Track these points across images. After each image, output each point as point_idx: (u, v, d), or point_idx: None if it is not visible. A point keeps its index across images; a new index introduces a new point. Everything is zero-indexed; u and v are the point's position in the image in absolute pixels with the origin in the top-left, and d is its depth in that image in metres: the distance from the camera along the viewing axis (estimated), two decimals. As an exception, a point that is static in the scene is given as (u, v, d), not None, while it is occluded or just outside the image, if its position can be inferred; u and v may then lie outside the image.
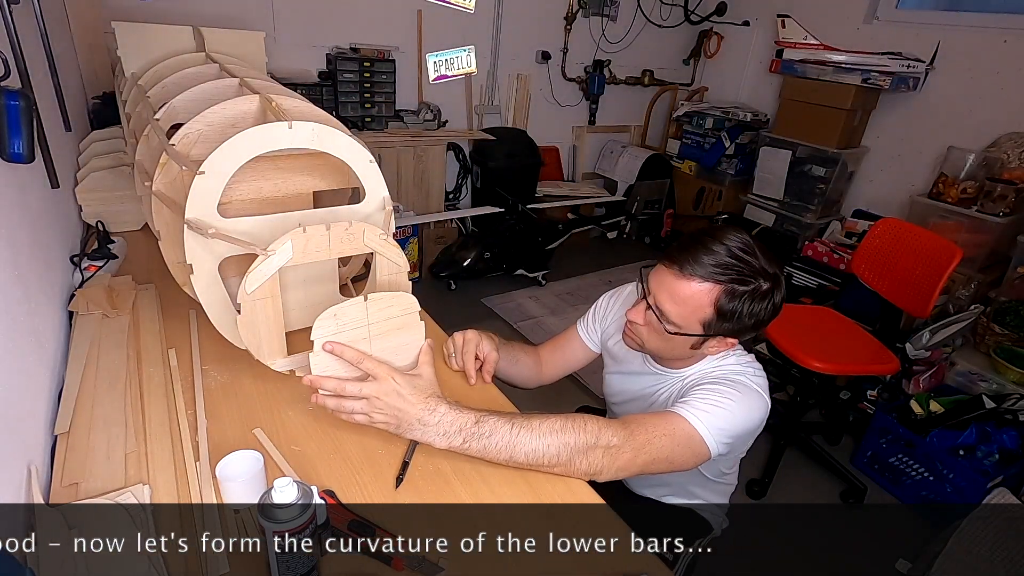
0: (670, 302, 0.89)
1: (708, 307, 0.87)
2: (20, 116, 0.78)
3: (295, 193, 1.05)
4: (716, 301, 0.86)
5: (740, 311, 0.86)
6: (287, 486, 0.58)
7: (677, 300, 0.88)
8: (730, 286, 0.85)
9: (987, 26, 2.79)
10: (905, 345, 2.17)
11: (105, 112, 1.86)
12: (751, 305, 0.86)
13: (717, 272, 0.85)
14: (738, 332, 0.90)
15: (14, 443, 0.69)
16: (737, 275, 0.85)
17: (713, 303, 0.86)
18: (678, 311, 0.89)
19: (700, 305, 0.87)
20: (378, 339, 0.87)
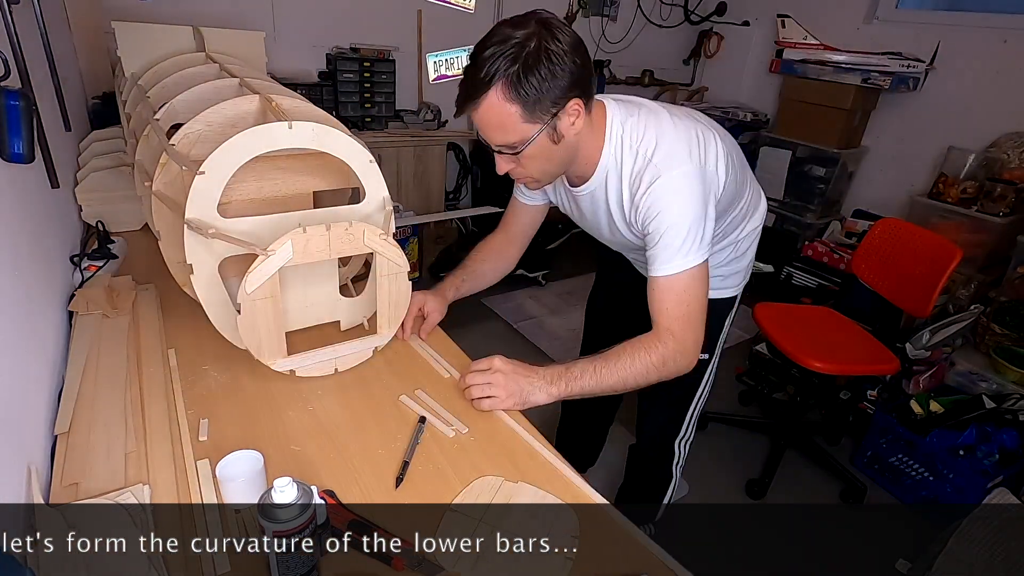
0: (491, 132, 0.87)
1: (508, 106, 0.83)
2: (20, 116, 0.78)
3: (295, 193, 1.05)
4: (507, 98, 0.82)
5: (534, 83, 0.81)
6: (287, 486, 0.58)
7: (491, 127, 0.86)
8: (502, 77, 0.81)
9: (987, 26, 2.79)
10: (905, 345, 2.17)
11: (105, 112, 1.86)
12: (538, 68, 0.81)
13: (484, 78, 0.81)
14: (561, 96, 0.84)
15: (14, 443, 0.69)
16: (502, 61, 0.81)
17: (507, 100, 0.82)
18: (501, 133, 0.87)
19: (502, 113, 0.84)
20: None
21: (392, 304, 1.00)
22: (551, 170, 0.96)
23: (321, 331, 1.07)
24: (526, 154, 0.89)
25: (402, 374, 1.00)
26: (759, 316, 2.00)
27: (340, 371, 0.98)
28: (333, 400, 0.92)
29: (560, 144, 0.90)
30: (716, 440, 2.23)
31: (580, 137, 0.92)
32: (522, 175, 0.96)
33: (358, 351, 1.00)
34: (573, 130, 0.89)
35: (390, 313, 1.00)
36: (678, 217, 0.92)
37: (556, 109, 0.85)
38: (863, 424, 2.18)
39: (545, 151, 0.90)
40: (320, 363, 0.96)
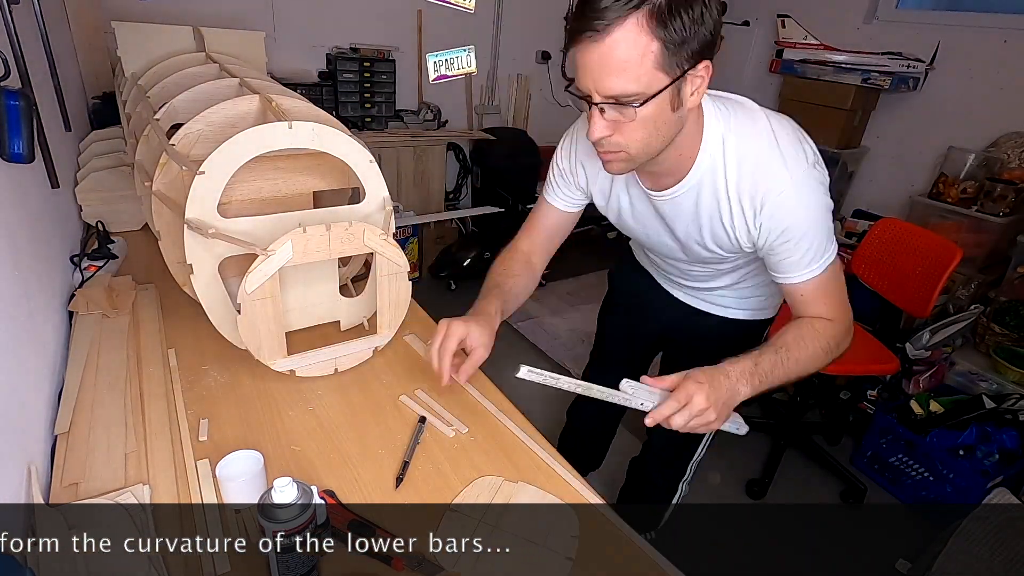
0: (608, 75, 0.70)
1: (649, 41, 0.67)
2: (20, 116, 0.78)
3: (295, 193, 1.05)
4: (651, 31, 0.67)
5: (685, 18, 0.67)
6: (287, 486, 0.58)
7: (612, 67, 0.70)
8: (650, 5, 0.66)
9: (987, 26, 2.79)
10: (905, 345, 2.16)
11: (105, 112, 1.86)
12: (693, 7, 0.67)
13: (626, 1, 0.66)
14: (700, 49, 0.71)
15: (14, 443, 0.69)
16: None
17: (650, 33, 0.67)
18: (623, 78, 0.70)
19: (638, 49, 0.68)
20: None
21: (392, 304, 1.00)
22: (655, 144, 0.78)
23: (321, 331, 1.07)
24: (640, 114, 0.73)
25: (402, 374, 1.00)
26: (759, 316, 2.00)
27: (340, 371, 0.98)
28: (333, 400, 0.92)
29: (676, 113, 0.75)
30: (716, 440, 2.23)
31: (690, 118, 0.79)
32: (618, 146, 0.78)
33: (358, 351, 1.00)
34: (693, 100, 0.75)
35: (390, 313, 1.00)
36: (809, 221, 0.84)
37: (689, 65, 0.71)
38: (863, 424, 2.18)
39: (661, 115, 0.74)
40: (320, 363, 0.96)
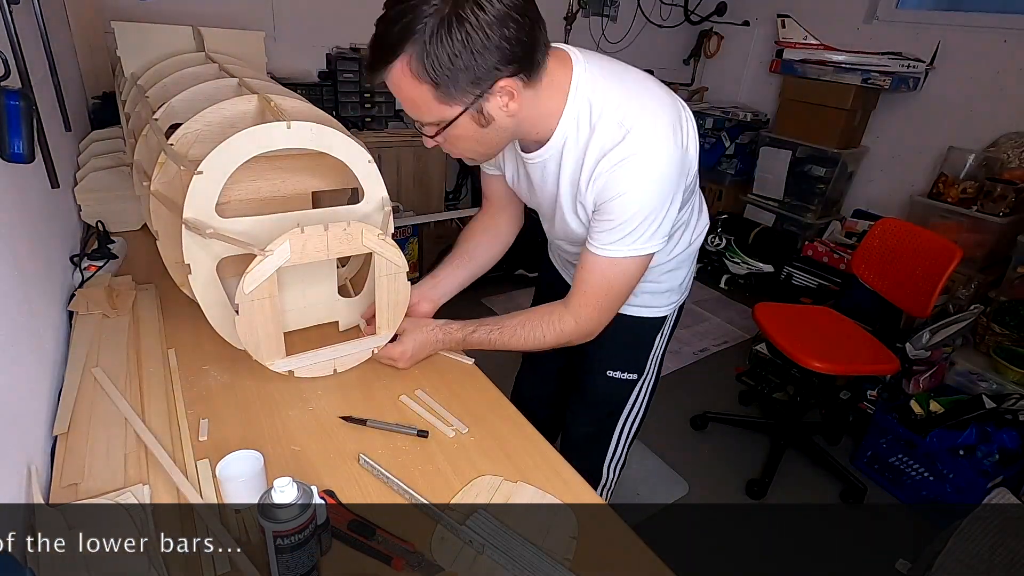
0: (405, 105, 0.76)
1: (417, 84, 0.70)
2: (20, 116, 0.78)
3: (294, 193, 1.05)
4: (415, 76, 0.70)
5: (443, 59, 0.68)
6: (287, 486, 0.58)
7: (404, 101, 0.75)
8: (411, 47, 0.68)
9: (987, 26, 2.79)
10: (905, 345, 2.16)
11: (105, 112, 1.87)
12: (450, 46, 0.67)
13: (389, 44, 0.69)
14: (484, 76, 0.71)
15: (14, 443, 0.69)
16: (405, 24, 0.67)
17: (414, 78, 0.70)
18: (416, 111, 0.75)
19: (414, 92, 0.72)
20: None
21: (391, 304, 0.99)
22: (485, 152, 0.85)
23: (320, 331, 1.07)
24: (451, 136, 0.78)
25: (402, 374, 1.00)
26: (759, 316, 2.00)
27: (339, 371, 0.98)
28: (333, 400, 0.92)
29: (491, 127, 0.78)
30: (716, 440, 2.23)
31: (522, 112, 0.78)
32: (452, 152, 0.85)
33: (357, 351, 0.99)
34: (506, 112, 0.76)
35: (389, 313, 1.00)
36: (644, 203, 0.82)
37: (480, 90, 0.72)
38: (863, 424, 2.19)
39: (474, 134, 0.78)
40: (319, 363, 0.96)
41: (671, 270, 1.10)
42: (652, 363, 1.19)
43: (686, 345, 2.82)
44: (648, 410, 1.26)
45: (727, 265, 3.43)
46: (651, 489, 1.95)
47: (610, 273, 0.88)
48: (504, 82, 0.73)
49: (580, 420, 1.27)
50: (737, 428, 2.29)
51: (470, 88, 0.72)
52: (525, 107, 0.78)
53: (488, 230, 1.16)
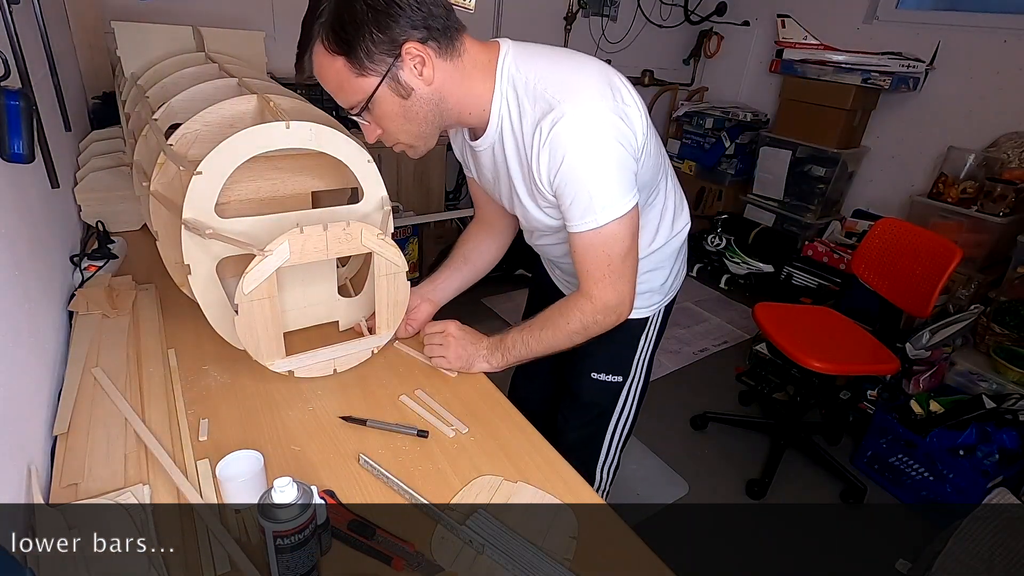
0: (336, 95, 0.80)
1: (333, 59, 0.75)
2: (20, 116, 0.78)
3: (293, 193, 1.05)
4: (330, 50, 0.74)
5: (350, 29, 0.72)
6: (287, 486, 0.58)
7: (330, 87, 0.79)
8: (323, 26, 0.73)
9: (987, 26, 2.79)
10: (905, 345, 2.17)
11: (105, 112, 1.87)
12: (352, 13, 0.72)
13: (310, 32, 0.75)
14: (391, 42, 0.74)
15: (14, 443, 0.69)
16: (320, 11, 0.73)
17: (329, 52, 0.75)
18: (341, 93, 0.79)
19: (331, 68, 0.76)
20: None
21: (391, 304, 1.00)
22: (418, 131, 0.84)
23: (320, 331, 1.07)
24: (377, 114, 0.80)
25: (402, 374, 1.00)
26: (759, 316, 2.00)
27: (339, 371, 0.98)
28: (333, 400, 0.92)
29: (412, 98, 0.79)
30: (716, 440, 2.23)
31: (442, 87, 0.80)
32: (392, 141, 0.86)
33: (357, 351, 0.99)
34: (423, 80, 0.78)
35: (389, 313, 1.00)
36: (591, 163, 0.79)
37: (391, 57, 0.75)
38: (863, 424, 2.19)
39: (398, 108, 0.79)
40: (319, 364, 0.96)
41: (649, 270, 1.07)
42: (638, 366, 1.17)
43: (686, 345, 2.82)
44: (639, 413, 1.24)
45: (727, 265, 3.43)
46: (651, 489, 1.95)
47: (599, 244, 0.86)
48: (412, 44, 0.75)
49: (571, 424, 1.26)
50: (737, 428, 2.29)
51: (382, 55, 0.75)
52: (446, 79, 0.80)
53: (483, 234, 1.17)
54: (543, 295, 1.25)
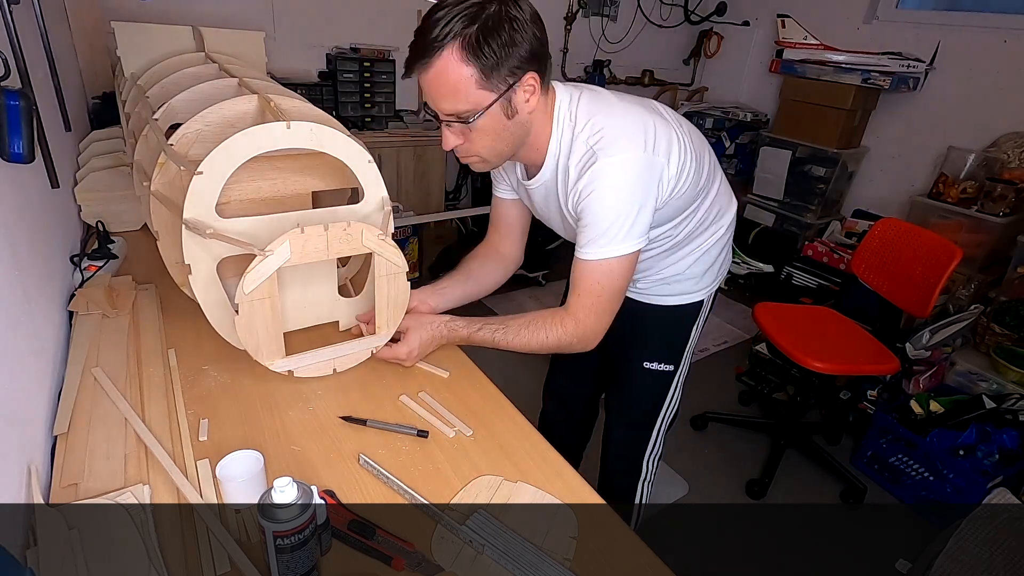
0: (442, 98, 0.82)
1: (464, 68, 0.78)
2: (20, 116, 0.78)
3: (294, 193, 1.05)
4: (464, 59, 0.78)
5: (494, 46, 0.77)
6: (287, 486, 0.58)
7: (442, 92, 0.81)
8: (462, 36, 0.77)
9: (987, 26, 2.79)
10: (905, 345, 2.17)
11: (105, 112, 1.87)
12: (498, 32, 0.77)
13: (441, 37, 0.77)
14: (519, 66, 0.81)
15: (14, 443, 0.69)
16: (458, 22, 0.76)
17: (463, 61, 0.78)
18: (453, 99, 0.82)
19: (457, 75, 0.79)
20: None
21: (391, 304, 1.00)
22: (501, 149, 0.91)
23: (320, 331, 1.07)
24: (477, 126, 0.85)
25: (402, 374, 1.00)
26: (759, 316, 2.00)
27: (339, 371, 0.98)
28: (333, 400, 0.92)
29: (513, 120, 0.86)
30: (716, 440, 2.23)
31: (534, 117, 0.88)
32: (469, 152, 0.91)
33: (357, 351, 1.00)
34: (528, 107, 0.86)
35: (389, 313, 1.00)
36: (611, 201, 0.88)
37: (513, 80, 0.82)
38: (863, 424, 2.19)
39: (497, 125, 0.86)
40: (318, 364, 0.96)
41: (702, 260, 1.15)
42: (689, 350, 1.23)
43: (686, 345, 2.82)
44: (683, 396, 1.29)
45: (727, 265, 3.43)
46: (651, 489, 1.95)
47: (596, 274, 0.93)
48: (530, 75, 0.83)
49: (622, 417, 1.31)
50: (737, 428, 2.29)
51: (508, 76, 0.81)
52: (537, 112, 0.88)
53: (491, 258, 1.22)
54: None
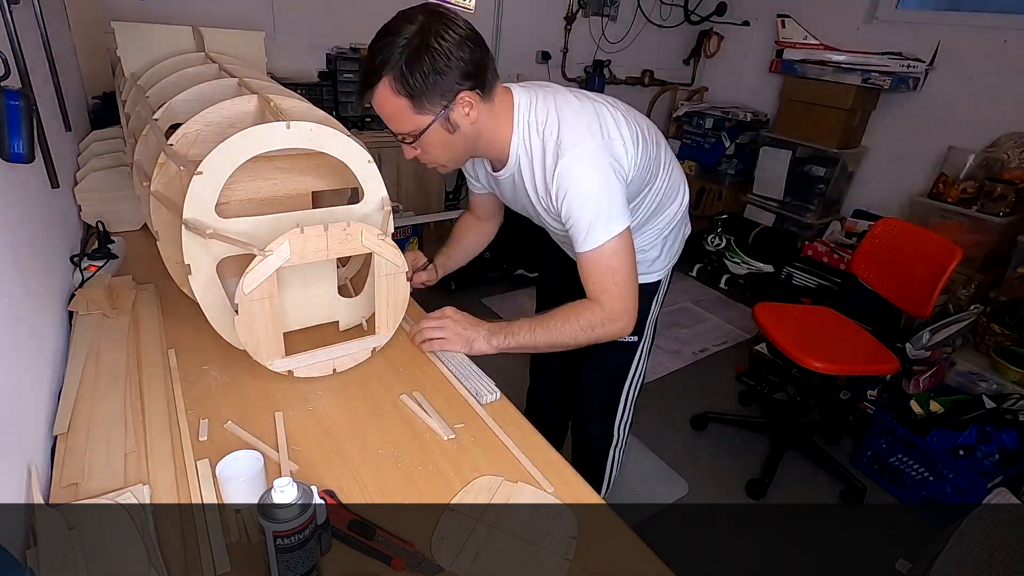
0: (390, 122, 0.92)
1: (397, 99, 0.87)
2: (20, 116, 0.78)
3: (293, 193, 1.05)
4: (395, 91, 0.86)
5: (418, 76, 0.85)
6: (287, 486, 0.58)
7: (386, 116, 0.91)
8: (389, 71, 0.85)
9: (987, 26, 2.79)
10: (905, 345, 2.17)
11: (105, 112, 1.87)
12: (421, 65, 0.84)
13: (374, 70, 0.86)
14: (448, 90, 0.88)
15: (14, 443, 0.69)
16: (389, 54, 0.84)
17: (395, 93, 0.87)
18: (397, 123, 0.92)
19: (394, 105, 0.88)
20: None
21: (391, 304, 1.00)
22: (455, 156, 1.00)
23: (320, 331, 1.07)
24: (424, 142, 0.94)
25: (402, 374, 1.00)
26: (759, 316, 2.00)
27: (339, 371, 0.98)
28: (333, 400, 0.92)
29: (457, 133, 0.94)
30: (716, 440, 2.23)
31: (480, 126, 0.95)
32: (428, 161, 1.00)
33: (356, 351, 1.00)
34: (468, 120, 0.93)
35: (388, 313, 1.00)
36: (586, 192, 0.95)
37: (446, 101, 0.89)
38: (863, 424, 2.19)
39: (442, 139, 0.94)
40: (318, 363, 0.96)
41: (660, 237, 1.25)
42: (651, 323, 1.33)
43: (686, 345, 2.82)
44: (646, 371, 1.41)
45: (727, 265, 3.43)
46: (651, 489, 1.95)
47: (602, 260, 0.98)
48: (464, 94, 0.90)
49: (593, 387, 1.41)
50: (737, 428, 2.29)
51: (439, 100, 0.89)
52: (483, 120, 0.95)
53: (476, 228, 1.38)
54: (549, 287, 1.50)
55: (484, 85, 0.92)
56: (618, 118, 1.02)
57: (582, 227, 0.96)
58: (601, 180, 0.95)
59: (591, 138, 0.96)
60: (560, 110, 0.98)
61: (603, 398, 1.40)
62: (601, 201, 0.95)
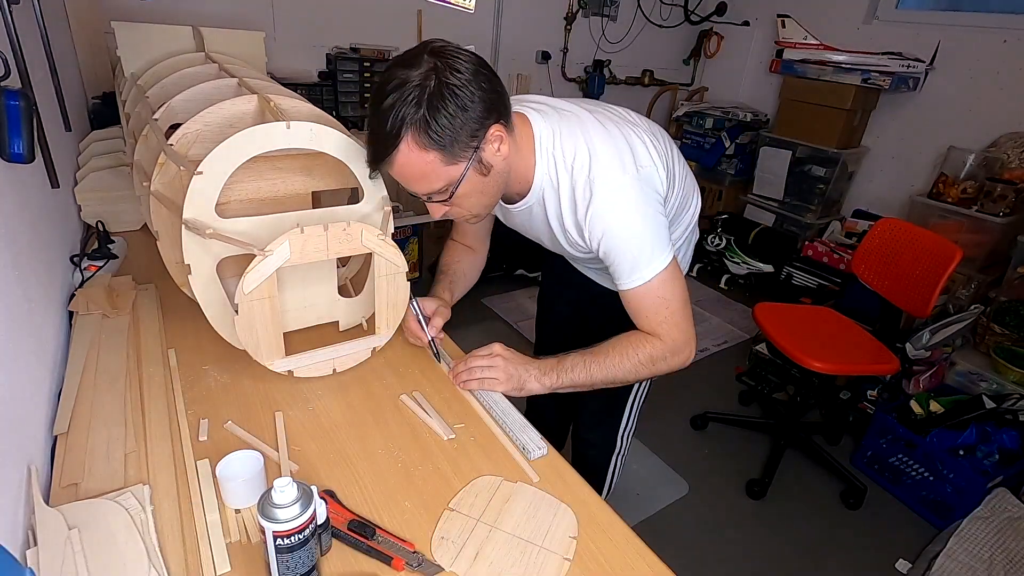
0: (416, 184, 0.82)
1: (424, 154, 0.78)
2: (20, 116, 0.78)
3: (293, 193, 1.05)
4: (421, 146, 0.77)
5: (443, 122, 0.76)
6: (287, 486, 0.58)
7: (413, 179, 0.82)
8: (413, 123, 0.75)
9: (987, 26, 2.79)
10: (905, 345, 2.17)
11: (105, 112, 1.87)
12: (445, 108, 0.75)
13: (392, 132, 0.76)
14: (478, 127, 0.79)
15: (14, 443, 0.69)
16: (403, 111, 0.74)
17: (421, 148, 0.77)
18: (426, 183, 0.82)
19: (421, 163, 0.78)
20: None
21: (390, 304, 1.00)
22: (488, 202, 0.92)
23: (320, 331, 1.07)
24: (459, 194, 0.85)
25: (402, 374, 1.00)
26: (759, 316, 2.00)
27: (339, 371, 0.98)
28: (333, 400, 0.92)
29: (491, 175, 0.85)
30: (716, 440, 2.23)
31: (511, 159, 0.88)
32: (460, 215, 0.92)
33: (356, 351, 1.00)
34: (500, 156, 0.85)
35: (388, 313, 1.00)
36: (626, 233, 0.89)
37: (476, 142, 0.80)
38: (863, 424, 2.19)
39: (477, 186, 0.85)
40: (318, 364, 0.96)
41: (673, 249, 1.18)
42: None
43: (686, 345, 2.82)
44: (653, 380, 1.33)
45: (727, 265, 3.43)
46: (651, 489, 1.95)
47: (652, 294, 0.92)
48: (493, 129, 0.81)
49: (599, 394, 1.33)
50: (737, 428, 2.29)
51: (470, 141, 0.79)
52: (511, 153, 0.87)
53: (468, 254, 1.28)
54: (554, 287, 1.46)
55: (507, 114, 0.84)
56: (645, 140, 0.94)
57: (624, 267, 0.90)
58: (639, 217, 0.89)
59: (623, 172, 0.88)
60: (588, 140, 0.90)
61: (608, 405, 1.34)
62: (644, 239, 0.89)
